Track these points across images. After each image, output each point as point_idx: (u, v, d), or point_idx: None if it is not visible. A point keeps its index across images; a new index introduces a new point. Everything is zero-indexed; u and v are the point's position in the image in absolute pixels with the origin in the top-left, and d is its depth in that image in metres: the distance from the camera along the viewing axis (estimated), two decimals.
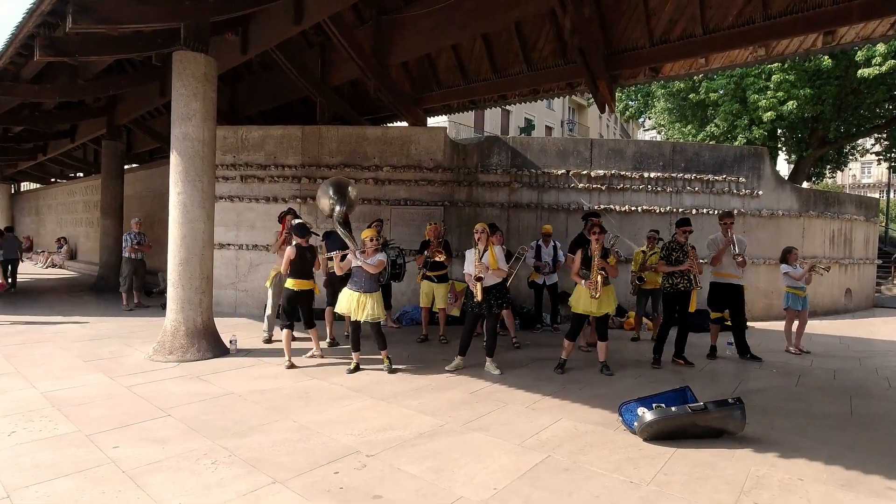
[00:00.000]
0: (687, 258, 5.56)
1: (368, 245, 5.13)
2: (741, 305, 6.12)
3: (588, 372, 5.37)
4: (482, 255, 5.29)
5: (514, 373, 5.34)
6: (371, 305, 5.05)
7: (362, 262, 5.03)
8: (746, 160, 8.98)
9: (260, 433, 3.58)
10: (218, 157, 9.09)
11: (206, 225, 5.84)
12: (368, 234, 5.20)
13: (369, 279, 5.11)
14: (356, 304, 5.07)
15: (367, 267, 5.02)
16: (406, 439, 3.52)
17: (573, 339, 5.35)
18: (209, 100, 5.80)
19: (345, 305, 5.11)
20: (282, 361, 5.47)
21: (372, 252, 5.15)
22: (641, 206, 8.67)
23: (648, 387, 4.79)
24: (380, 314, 5.10)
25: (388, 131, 8.85)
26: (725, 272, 6.08)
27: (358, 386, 4.75)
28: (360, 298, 5.07)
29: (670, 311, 5.70)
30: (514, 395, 4.55)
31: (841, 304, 10.39)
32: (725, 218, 6.10)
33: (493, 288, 5.30)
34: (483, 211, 8.76)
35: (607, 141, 8.74)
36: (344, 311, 5.11)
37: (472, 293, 5.30)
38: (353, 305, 5.07)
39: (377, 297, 5.13)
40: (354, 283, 5.14)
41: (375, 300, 5.11)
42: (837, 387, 5.03)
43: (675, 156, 8.78)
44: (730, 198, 8.87)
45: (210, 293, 5.99)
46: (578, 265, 5.19)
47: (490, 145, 8.78)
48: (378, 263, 5.10)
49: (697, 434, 3.48)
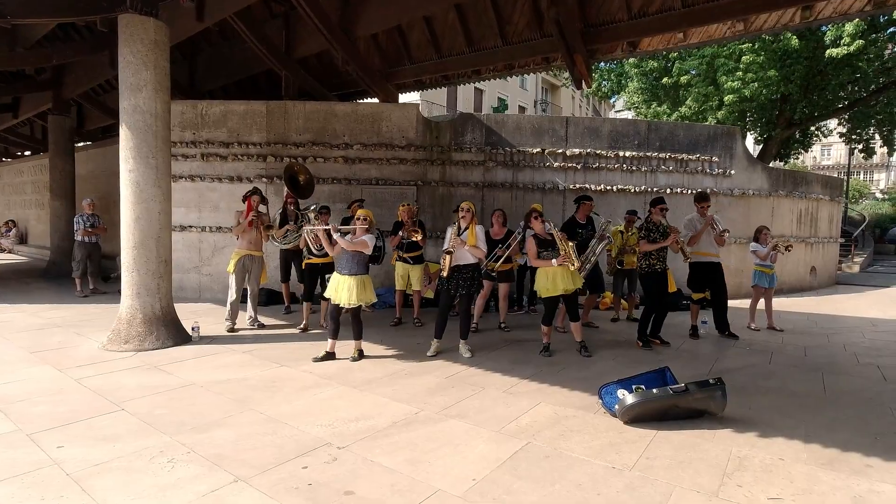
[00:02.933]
0: (670, 233, 5.51)
1: (358, 224, 4.87)
2: (722, 283, 6.14)
3: (566, 353, 5.29)
4: (461, 231, 5.11)
5: (491, 355, 5.21)
6: (351, 289, 4.80)
7: (338, 238, 4.76)
8: (720, 139, 8.99)
9: (223, 427, 3.34)
10: (177, 133, 8.60)
11: (163, 205, 5.45)
12: (362, 213, 4.93)
13: (351, 260, 4.85)
14: (339, 287, 4.82)
15: (343, 242, 4.75)
16: (380, 429, 3.34)
17: (549, 322, 5.25)
18: (161, 69, 5.35)
19: (330, 287, 4.88)
20: (247, 349, 5.25)
21: (362, 232, 4.88)
22: (617, 185, 8.61)
23: (628, 367, 4.74)
24: (360, 299, 4.84)
25: (359, 108, 8.48)
26: (704, 251, 6.09)
27: (329, 374, 4.53)
28: (343, 281, 4.82)
29: (650, 293, 5.65)
30: (491, 379, 4.42)
31: (806, 281, 10.68)
32: (703, 202, 6.08)
33: (466, 267, 5.13)
34: (457, 190, 8.54)
35: (583, 119, 8.60)
36: (329, 293, 4.88)
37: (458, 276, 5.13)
38: (336, 288, 4.82)
39: (361, 281, 4.87)
40: (339, 265, 4.89)
41: (358, 284, 4.85)
42: (809, 364, 5.09)
43: (650, 134, 8.72)
44: (703, 177, 8.89)
45: (169, 278, 5.62)
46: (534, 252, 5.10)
47: (464, 123, 8.52)
48: (359, 243, 4.81)
49: (679, 415, 3.42)
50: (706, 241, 6.04)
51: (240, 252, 6.15)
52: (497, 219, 6.31)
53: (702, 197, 6.17)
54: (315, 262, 6.33)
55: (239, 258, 6.13)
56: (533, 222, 5.16)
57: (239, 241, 6.19)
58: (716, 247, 6.06)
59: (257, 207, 6.11)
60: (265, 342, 5.63)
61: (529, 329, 6.41)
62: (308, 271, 6.37)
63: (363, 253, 4.88)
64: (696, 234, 6.01)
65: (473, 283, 5.20)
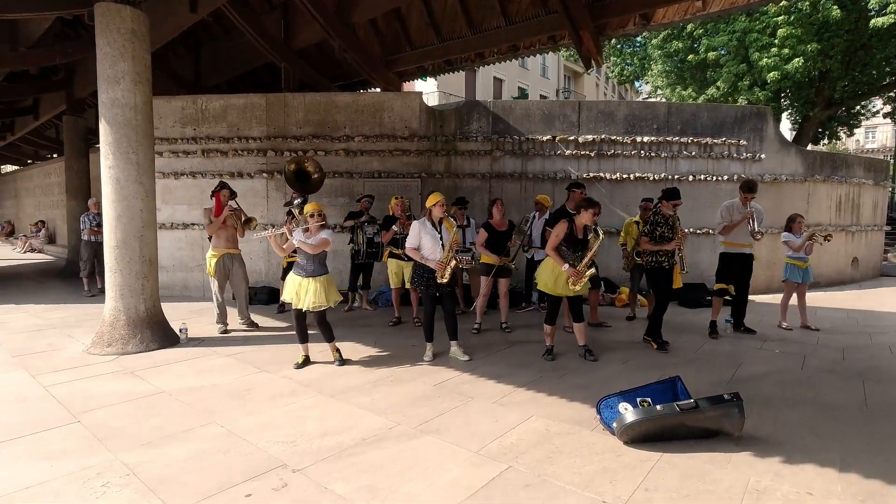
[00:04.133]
0: (675, 235, 4.97)
1: (311, 221, 4.53)
2: (748, 278, 5.70)
3: (571, 357, 4.85)
4: (441, 229, 4.70)
5: (488, 359, 4.82)
6: (315, 291, 4.47)
7: (297, 241, 4.43)
8: (748, 121, 8.28)
9: (178, 441, 3.06)
10: (177, 130, 8.48)
11: (146, 202, 5.23)
12: (312, 208, 4.58)
13: (313, 261, 4.52)
14: (299, 290, 4.49)
15: (305, 246, 4.42)
16: (346, 447, 3.00)
17: (553, 321, 4.81)
18: (140, 60, 5.12)
19: (289, 291, 4.53)
20: (233, 352, 5.01)
21: (316, 230, 4.56)
22: (634, 173, 8.02)
23: (637, 374, 4.28)
24: (324, 301, 4.51)
25: (360, 98, 8.15)
26: (737, 241, 5.59)
27: (309, 380, 4.23)
28: (304, 283, 4.50)
29: (659, 290, 5.14)
30: (482, 388, 4.03)
31: (847, 273, 9.83)
32: (749, 192, 5.49)
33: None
34: (463, 182, 8.12)
35: (596, 103, 8.05)
36: (288, 297, 4.52)
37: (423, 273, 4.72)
38: (296, 291, 4.49)
39: (324, 283, 4.54)
40: (298, 266, 4.55)
41: (321, 285, 4.51)
42: (848, 369, 4.50)
43: (670, 118, 8.09)
44: (729, 162, 8.21)
45: (154, 278, 5.42)
46: (556, 241, 4.59)
47: (469, 110, 8.08)
48: (320, 242, 4.49)
49: (688, 435, 2.96)
50: (741, 231, 5.53)
51: (217, 252, 5.89)
52: (499, 209, 5.86)
53: (749, 186, 5.55)
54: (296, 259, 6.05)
55: (218, 258, 5.87)
56: (584, 213, 4.52)
57: (214, 241, 5.93)
58: (750, 238, 5.52)
59: (227, 203, 5.84)
60: (254, 344, 5.38)
61: (536, 329, 5.97)
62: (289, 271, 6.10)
63: (324, 251, 4.55)
64: (730, 225, 5.53)
65: (453, 278, 4.81)
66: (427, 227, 4.72)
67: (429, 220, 4.73)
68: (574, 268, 4.51)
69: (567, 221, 4.57)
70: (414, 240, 4.74)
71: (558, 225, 4.60)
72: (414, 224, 4.79)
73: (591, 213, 4.49)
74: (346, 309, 7.17)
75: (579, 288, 4.55)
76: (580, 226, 4.57)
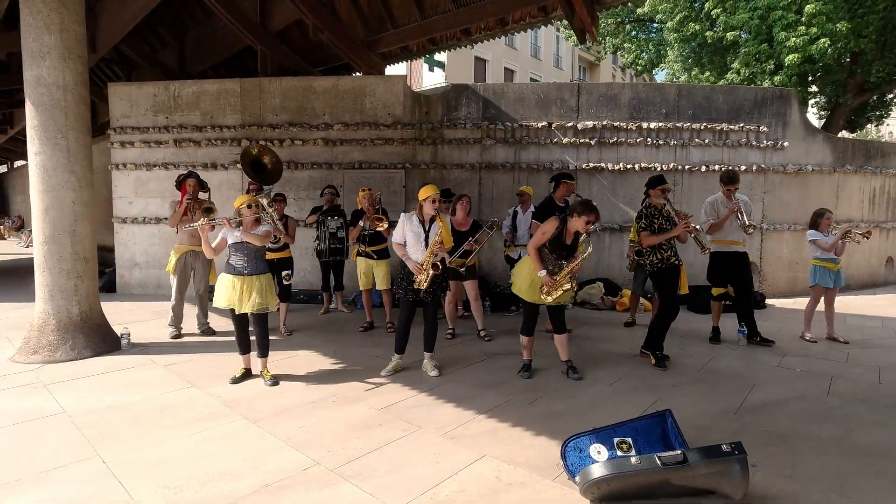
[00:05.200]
0: (679, 219, 4.28)
1: (245, 214, 3.92)
2: (748, 277, 5.03)
3: (552, 374, 4.16)
4: (428, 227, 4.05)
5: (458, 374, 4.17)
6: (260, 290, 3.87)
7: (241, 234, 3.83)
8: (769, 104, 7.42)
9: (38, 485, 2.49)
10: (149, 118, 7.98)
11: (79, 193, 4.69)
12: (243, 200, 3.96)
13: (252, 256, 3.92)
14: (241, 291, 3.89)
15: (252, 238, 3.82)
16: (239, 497, 2.39)
17: (530, 332, 4.13)
18: (70, 33, 4.56)
19: (223, 295, 3.91)
20: (172, 361, 4.47)
21: (252, 224, 3.95)
22: (639, 162, 7.24)
23: (626, 398, 3.59)
24: (268, 303, 3.92)
25: (340, 82, 7.53)
26: (726, 238, 4.96)
27: (238, 399, 3.63)
28: (246, 282, 3.90)
29: (667, 293, 4.42)
30: (437, 413, 3.38)
31: (880, 275, 8.88)
32: (730, 184, 4.91)
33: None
34: (450, 174, 7.46)
35: (597, 85, 7.28)
36: (223, 303, 3.91)
37: (407, 275, 4.10)
38: (233, 293, 3.89)
39: (265, 281, 3.95)
40: (232, 265, 3.95)
41: (266, 284, 3.92)
42: (886, 395, 3.72)
43: (680, 101, 7.27)
44: (748, 150, 7.37)
45: (92, 278, 4.89)
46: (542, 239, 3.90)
47: (458, 95, 7.40)
48: (266, 233, 3.91)
49: (674, 493, 2.27)
50: (731, 227, 4.93)
51: (181, 248, 5.36)
52: (463, 207, 5.21)
53: (729, 178, 4.96)
54: (268, 257, 5.47)
55: (180, 255, 5.35)
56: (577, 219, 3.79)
57: (179, 236, 5.41)
58: (742, 234, 4.89)
59: (194, 193, 5.27)
60: (201, 352, 4.82)
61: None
62: None
63: (263, 247, 3.96)
64: (718, 222, 4.94)
65: (442, 282, 4.17)
66: (413, 222, 4.08)
67: (417, 216, 4.09)
68: (552, 276, 3.83)
69: (559, 220, 3.88)
70: (399, 234, 4.15)
71: (549, 221, 3.91)
72: (401, 217, 4.16)
73: (585, 220, 3.77)
74: (322, 311, 6.60)
75: (551, 300, 3.86)
76: (571, 230, 3.88)
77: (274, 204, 5.46)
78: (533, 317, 4.09)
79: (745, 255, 5.02)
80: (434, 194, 3.97)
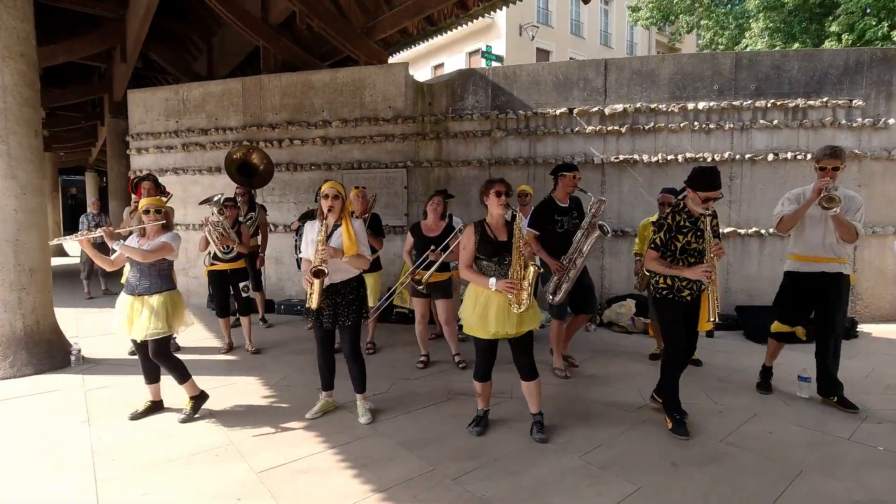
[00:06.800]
0: (705, 248, 2.99)
1: (146, 220, 3.34)
2: (836, 310, 3.38)
3: (518, 429, 3.17)
4: (331, 232, 3.25)
5: (395, 422, 3.34)
6: (150, 315, 3.27)
7: (121, 247, 3.24)
8: (867, 70, 5.70)
9: None
10: (162, 123, 7.90)
11: (22, 200, 4.44)
12: (148, 203, 3.38)
13: (149, 273, 3.33)
14: (131, 314, 3.32)
15: (133, 253, 3.23)
16: None
17: (485, 377, 3.14)
18: (10, 30, 4.29)
19: (119, 317, 3.36)
20: (105, 384, 4.05)
21: (155, 232, 3.36)
22: (684, 152, 5.87)
23: (591, 482, 2.55)
24: (164, 327, 3.29)
25: (338, 75, 6.92)
26: (808, 254, 3.43)
27: (116, 443, 3.06)
28: (136, 304, 3.32)
29: (671, 334, 3.17)
30: (321, 486, 2.56)
31: None
32: (826, 160, 3.22)
33: (345, 285, 3.29)
34: (457, 171, 6.56)
35: (630, 60, 5.98)
36: (117, 328, 3.36)
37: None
38: (128, 316, 3.32)
39: (164, 302, 3.33)
40: (128, 282, 3.39)
41: (161, 305, 3.31)
42: None
43: (739, 73, 5.79)
44: (834, 132, 5.71)
45: (41, 290, 4.62)
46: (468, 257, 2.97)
47: (464, 82, 6.47)
48: (158, 248, 3.28)
49: None
50: (813, 233, 3.37)
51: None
52: (435, 208, 4.32)
53: (826, 153, 3.25)
54: (220, 268, 4.99)
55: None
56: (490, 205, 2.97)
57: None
58: (832, 246, 3.34)
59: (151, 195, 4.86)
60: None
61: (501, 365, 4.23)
62: (213, 281, 5.04)
63: (166, 260, 3.32)
64: (792, 215, 3.35)
65: (359, 306, 3.34)
66: (315, 228, 3.31)
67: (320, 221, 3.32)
68: (506, 278, 2.87)
69: (476, 226, 2.94)
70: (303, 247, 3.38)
71: (463, 235, 3.00)
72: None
73: (495, 196, 2.92)
74: (308, 326, 6.02)
75: (523, 308, 2.86)
76: (495, 222, 2.93)
77: (225, 211, 4.97)
78: (489, 358, 3.10)
79: (837, 277, 3.36)
80: (328, 189, 3.17)
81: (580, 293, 4.19)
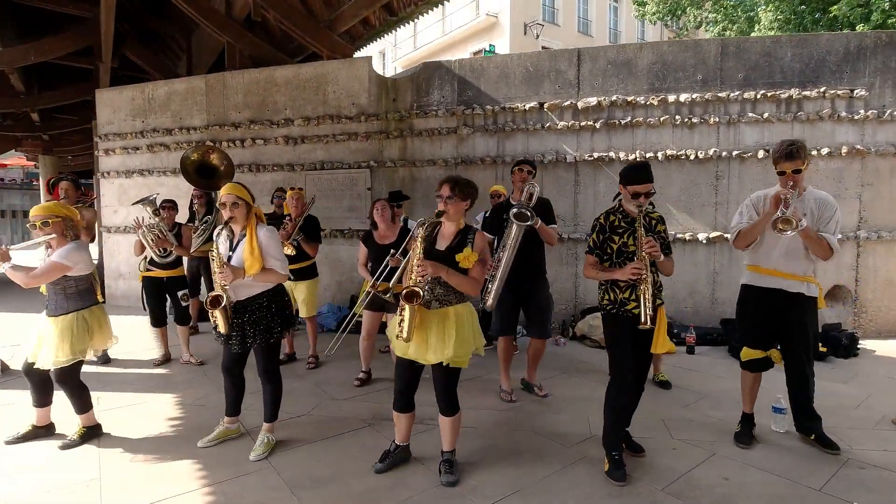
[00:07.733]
0: (636, 247, 2.53)
1: (38, 233, 2.96)
2: (804, 332, 2.84)
3: (431, 465, 2.72)
4: (235, 245, 2.87)
5: (289, 455, 2.92)
6: (53, 339, 2.91)
7: (6, 271, 2.84)
8: (870, 56, 5.10)
9: None
10: (129, 123, 7.65)
11: None
12: (38, 213, 2.97)
13: (53, 293, 2.97)
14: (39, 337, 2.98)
15: (17, 279, 2.84)
16: None
17: (405, 407, 2.68)
18: None
19: (31, 339, 3.01)
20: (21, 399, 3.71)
21: (57, 245, 2.99)
22: (664, 149, 5.35)
23: None
24: (68, 355, 2.92)
25: (301, 70, 6.56)
26: (764, 265, 2.90)
27: None
28: (47, 325, 2.97)
29: (615, 357, 2.69)
30: None
31: None
32: (783, 163, 2.70)
33: (254, 301, 2.88)
34: (421, 171, 6.14)
35: (605, 49, 5.46)
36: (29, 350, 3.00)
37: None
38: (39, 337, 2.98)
39: (69, 324, 2.95)
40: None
41: (67, 328, 2.93)
42: None
43: (725, 61, 5.25)
44: (833, 125, 5.13)
45: None
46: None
47: (429, 76, 6.06)
48: (48, 269, 2.88)
49: None
50: (771, 240, 2.83)
51: None
52: (381, 215, 3.88)
53: (782, 154, 2.71)
54: (156, 275, 4.64)
55: None
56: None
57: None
58: (796, 259, 2.80)
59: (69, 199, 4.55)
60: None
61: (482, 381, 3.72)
62: (147, 289, 4.70)
63: (69, 277, 2.94)
64: (749, 228, 2.84)
65: (272, 323, 2.93)
66: (222, 238, 2.93)
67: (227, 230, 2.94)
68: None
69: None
70: None
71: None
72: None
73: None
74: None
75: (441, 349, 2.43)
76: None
77: (162, 212, 4.64)
78: (404, 377, 2.66)
79: (798, 297, 2.82)
80: (225, 195, 2.78)
81: (533, 314, 3.73)
